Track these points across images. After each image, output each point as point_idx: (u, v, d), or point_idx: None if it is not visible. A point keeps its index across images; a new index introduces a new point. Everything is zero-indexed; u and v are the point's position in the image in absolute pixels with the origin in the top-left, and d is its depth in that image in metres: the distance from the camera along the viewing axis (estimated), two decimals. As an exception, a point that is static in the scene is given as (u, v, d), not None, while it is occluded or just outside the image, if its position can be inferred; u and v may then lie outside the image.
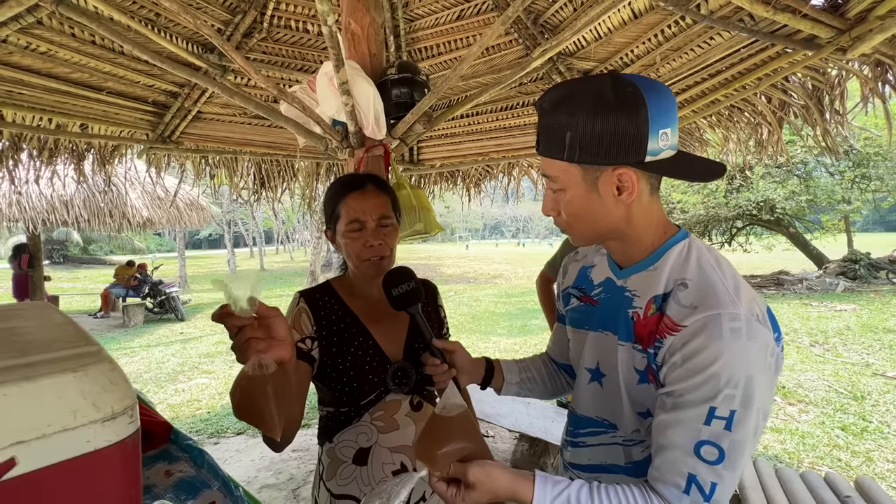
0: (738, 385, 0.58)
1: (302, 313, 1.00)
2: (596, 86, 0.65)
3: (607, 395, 0.75)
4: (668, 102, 0.66)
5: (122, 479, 0.33)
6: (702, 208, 11.41)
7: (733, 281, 0.65)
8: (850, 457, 2.96)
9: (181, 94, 2.50)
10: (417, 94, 1.67)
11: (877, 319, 6.77)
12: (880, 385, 4.21)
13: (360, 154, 1.66)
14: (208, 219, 8.72)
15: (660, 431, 0.64)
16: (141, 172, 4.73)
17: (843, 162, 10.90)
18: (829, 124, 2.06)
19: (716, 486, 0.60)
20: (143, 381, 5.21)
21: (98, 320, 9.49)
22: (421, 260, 24.10)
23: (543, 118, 0.70)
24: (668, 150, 0.66)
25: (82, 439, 0.30)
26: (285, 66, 2.54)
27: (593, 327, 0.79)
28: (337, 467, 0.97)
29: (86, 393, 0.31)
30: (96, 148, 2.68)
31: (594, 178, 0.68)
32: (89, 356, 0.34)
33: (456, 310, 9.84)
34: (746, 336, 0.58)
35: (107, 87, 2.27)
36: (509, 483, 0.65)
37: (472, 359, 0.93)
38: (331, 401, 1.00)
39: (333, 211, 1.03)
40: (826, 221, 12.51)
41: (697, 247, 0.70)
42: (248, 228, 27.96)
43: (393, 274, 0.92)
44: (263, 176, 3.39)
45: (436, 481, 0.68)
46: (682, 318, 0.63)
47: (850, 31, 1.63)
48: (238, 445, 3.31)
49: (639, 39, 2.19)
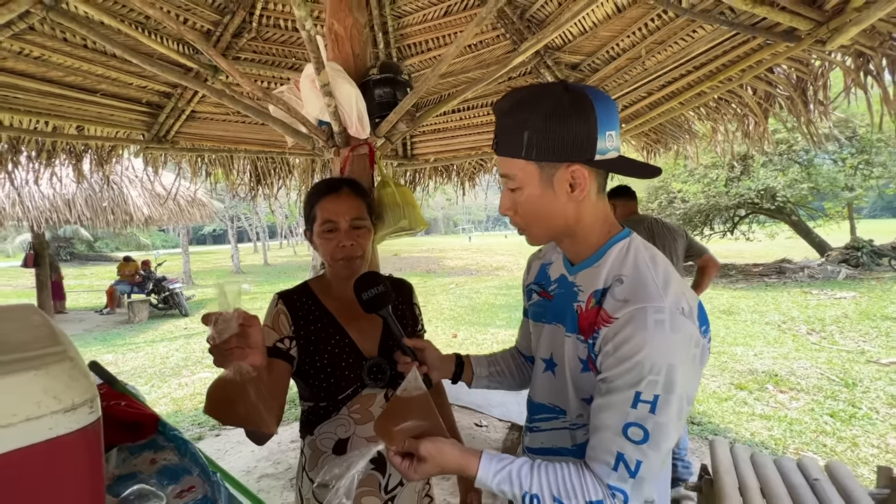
0: (661, 372, 0.62)
1: (280, 314, 1.04)
2: (550, 91, 0.71)
3: (558, 383, 0.81)
4: (612, 109, 0.72)
5: (84, 461, 0.38)
6: (702, 197, 11.35)
7: (664, 277, 0.69)
8: (836, 442, 3.01)
9: (174, 94, 2.55)
10: (400, 94, 1.71)
11: (876, 307, 6.77)
12: (873, 372, 4.23)
13: (346, 153, 1.70)
14: (210, 215, 8.80)
15: (595, 414, 0.69)
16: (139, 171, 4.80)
17: (845, 149, 10.80)
18: (812, 115, 2.08)
19: (640, 464, 0.65)
20: (147, 375, 5.32)
21: (104, 317, 9.65)
22: (424, 252, 24.17)
23: (502, 119, 0.75)
24: (613, 151, 0.72)
25: (45, 427, 0.35)
26: (276, 65, 2.57)
27: (548, 320, 0.84)
28: (318, 458, 1.03)
29: (47, 388, 0.36)
30: (93, 149, 2.73)
31: (549, 176, 0.72)
32: (53, 356, 0.39)
33: (456, 302, 9.91)
34: (670, 328, 0.63)
35: (101, 89, 2.31)
36: (457, 458, 0.72)
37: (441, 355, 0.99)
38: (310, 396, 1.05)
39: (310, 212, 1.08)
40: (829, 209, 12.41)
41: (636, 245, 0.75)
42: (252, 224, 28.12)
43: (363, 279, 0.96)
44: (259, 173, 3.44)
45: (391, 454, 0.75)
46: (615, 311, 0.68)
47: (828, 23, 1.64)
48: (239, 437, 3.40)
49: (623, 33, 2.21)
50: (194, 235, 43.61)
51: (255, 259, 25.95)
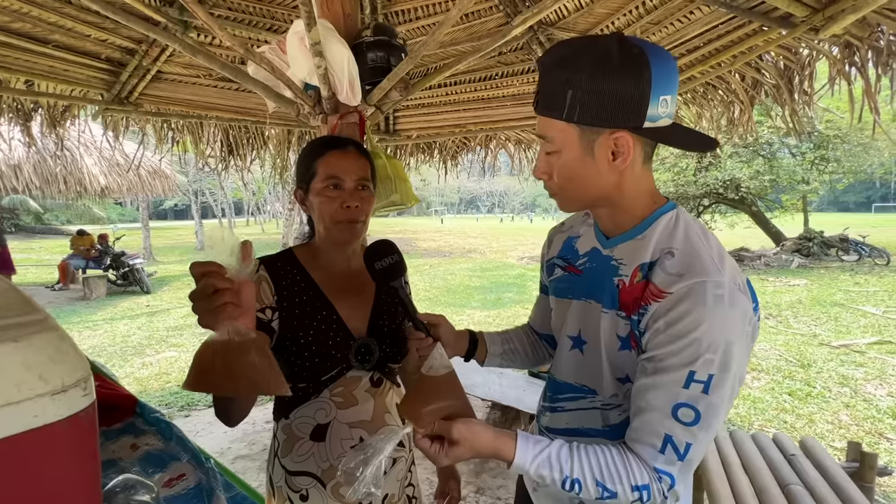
0: (718, 350, 0.59)
1: (262, 281, 0.93)
2: (602, 45, 0.64)
3: (588, 362, 0.77)
4: (671, 69, 0.65)
5: (76, 455, 0.31)
6: (672, 186, 11.68)
7: (718, 251, 0.66)
8: (795, 419, 3.22)
9: (138, 50, 2.32)
10: (394, 59, 1.61)
11: (825, 294, 7.23)
12: (825, 354, 4.53)
13: (335, 121, 1.59)
14: (173, 188, 8.34)
15: (640, 395, 0.66)
16: (97, 136, 4.43)
17: (805, 144, 11.33)
18: (797, 104, 2.12)
19: (690, 447, 0.62)
20: (107, 354, 5.05)
21: (56, 293, 9.06)
22: (396, 234, 23.92)
23: (545, 76, 0.68)
24: (666, 119, 0.66)
25: (29, 414, 0.28)
26: (253, 25, 2.38)
27: (577, 296, 0.80)
28: (293, 444, 0.95)
29: (30, 364, 0.28)
30: (45, 107, 2.48)
31: (591, 141, 0.67)
32: (34, 325, 0.31)
33: (431, 283, 9.89)
34: (728, 303, 0.60)
35: (53, 39, 2.08)
36: (491, 441, 0.67)
37: (456, 332, 0.93)
38: (288, 376, 0.94)
39: (309, 168, 0.96)
40: (786, 201, 13.06)
41: (685, 218, 0.71)
42: (217, 199, 26.95)
43: (375, 247, 0.88)
44: (231, 143, 3.23)
45: (420, 438, 0.69)
46: (668, 286, 0.64)
47: (823, 10, 1.65)
48: (210, 418, 3.28)
49: (619, 11, 2.16)
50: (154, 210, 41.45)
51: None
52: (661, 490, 0.64)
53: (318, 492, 0.94)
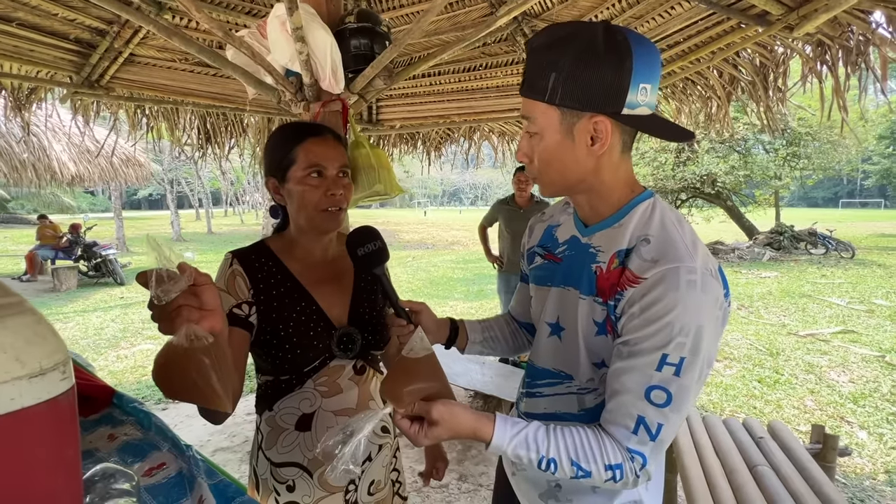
0: (689, 334, 0.61)
1: (237, 276, 0.91)
2: (588, 31, 0.65)
3: (565, 348, 0.78)
4: (653, 59, 0.66)
5: (55, 439, 0.31)
6: (651, 180, 11.90)
7: (692, 238, 0.68)
8: (764, 404, 3.36)
9: (109, 31, 2.23)
10: (378, 47, 1.58)
11: (794, 285, 7.52)
12: (793, 343, 4.73)
13: (317, 108, 1.56)
14: (147, 176, 8.07)
15: (614, 378, 0.68)
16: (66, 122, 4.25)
17: (778, 140, 11.68)
18: (771, 101, 2.18)
19: (662, 427, 0.65)
20: (80, 347, 4.90)
21: (24, 284, 8.71)
22: (379, 225, 23.71)
23: (531, 57, 0.70)
24: (645, 108, 0.67)
25: (6, 397, 0.28)
26: (232, 8, 2.31)
27: (556, 283, 0.81)
28: (278, 435, 0.94)
29: (6, 347, 0.28)
30: (8, 90, 2.37)
31: (571, 124, 0.68)
32: (8, 307, 0.30)
33: (414, 275, 9.88)
34: (701, 289, 0.62)
35: (17, 17, 1.97)
36: (471, 422, 0.68)
37: (437, 319, 0.93)
38: (270, 369, 0.95)
39: (287, 155, 0.92)
40: (759, 196, 13.47)
41: (661, 206, 0.73)
42: (194, 188, 26.22)
43: (357, 233, 0.87)
44: (209, 130, 3.14)
45: (400, 418, 0.70)
46: (643, 271, 0.65)
47: (798, 9, 1.70)
48: (188, 410, 3.23)
49: (603, 4, 2.18)
50: (127, 199, 40.11)
51: (198, 227, 24.34)
52: (634, 469, 0.66)
53: (305, 481, 0.94)
